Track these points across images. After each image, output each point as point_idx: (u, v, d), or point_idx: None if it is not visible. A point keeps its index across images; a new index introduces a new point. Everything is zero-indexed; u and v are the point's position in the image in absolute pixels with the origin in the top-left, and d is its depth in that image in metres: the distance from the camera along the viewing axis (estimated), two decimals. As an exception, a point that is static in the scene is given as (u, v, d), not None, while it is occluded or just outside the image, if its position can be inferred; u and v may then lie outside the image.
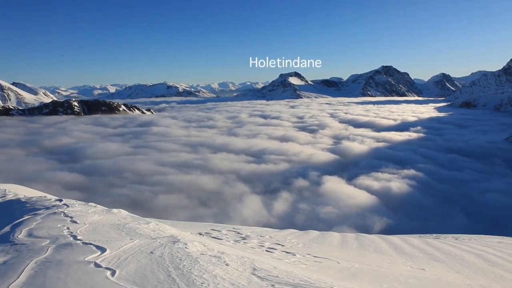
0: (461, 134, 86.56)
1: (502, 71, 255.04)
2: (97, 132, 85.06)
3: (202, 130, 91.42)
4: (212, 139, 74.14)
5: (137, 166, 50.85)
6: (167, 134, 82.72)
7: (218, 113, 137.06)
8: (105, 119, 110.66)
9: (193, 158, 56.39)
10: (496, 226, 32.20)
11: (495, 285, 6.82)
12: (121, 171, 48.10)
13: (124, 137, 77.67)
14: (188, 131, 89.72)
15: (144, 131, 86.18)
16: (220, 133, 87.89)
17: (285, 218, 34.11)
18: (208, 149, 63.77)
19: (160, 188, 41.65)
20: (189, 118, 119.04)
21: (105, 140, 73.39)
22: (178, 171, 48.74)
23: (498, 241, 12.97)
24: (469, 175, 50.19)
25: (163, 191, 40.68)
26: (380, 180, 45.59)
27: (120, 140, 73.38)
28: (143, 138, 75.99)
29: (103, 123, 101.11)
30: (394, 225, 32.69)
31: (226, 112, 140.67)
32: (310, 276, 4.59)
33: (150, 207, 36.44)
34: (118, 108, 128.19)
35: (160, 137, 77.29)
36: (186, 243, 5.00)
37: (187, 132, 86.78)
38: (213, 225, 12.54)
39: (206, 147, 65.26)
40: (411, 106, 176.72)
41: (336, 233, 13.15)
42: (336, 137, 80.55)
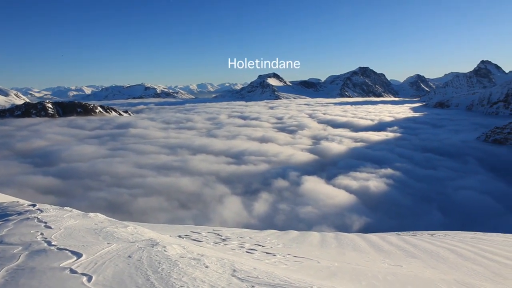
0: (436, 133, 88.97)
1: (473, 73, 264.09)
2: (72, 134, 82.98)
3: (181, 132, 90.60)
4: (191, 141, 73.59)
5: (115, 168, 49.94)
6: (145, 136, 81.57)
7: (197, 115, 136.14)
8: (81, 121, 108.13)
9: (172, 160, 55.82)
10: (469, 222, 33.23)
11: (467, 279, 7.03)
12: (99, 174, 47.12)
13: (101, 139, 76.12)
14: (166, 132, 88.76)
15: (121, 133, 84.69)
16: (199, 134, 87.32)
17: (265, 218, 34.18)
18: (187, 150, 63.25)
19: (139, 190, 41.03)
20: (167, 120, 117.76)
21: (81, 143, 71.74)
22: (157, 173, 48.14)
23: (471, 237, 13.37)
24: (444, 173, 51.62)
25: (142, 194, 40.09)
26: (358, 179, 46.30)
27: (97, 143, 71.87)
28: (121, 140, 74.69)
29: (79, 125, 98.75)
30: (372, 223, 33.25)
31: (205, 114, 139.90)
32: (290, 276, 4.61)
33: (129, 210, 35.84)
34: (95, 110, 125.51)
35: (138, 139, 76.15)
36: (165, 246, 4.94)
37: (165, 134, 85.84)
38: (193, 227, 12.44)
39: (185, 148, 64.70)
40: (388, 107, 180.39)
41: (315, 233, 13.26)
42: (315, 138, 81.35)
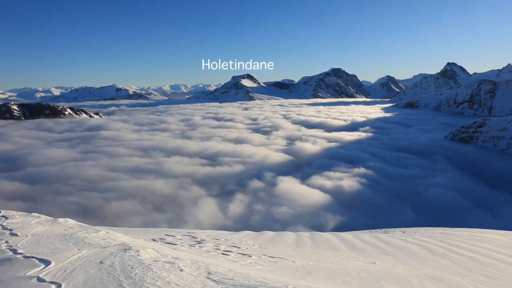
0: (406, 133, 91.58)
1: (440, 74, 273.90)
2: (40, 137, 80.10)
3: (154, 134, 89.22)
4: (165, 142, 72.60)
5: (87, 172, 48.58)
6: (117, 138, 79.79)
7: (171, 116, 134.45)
8: (49, 123, 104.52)
9: (145, 163, 54.87)
10: (439, 218, 34.36)
11: (437, 273, 7.25)
12: (69, 178, 45.70)
13: (71, 142, 73.86)
14: (140, 134, 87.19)
15: (92, 135, 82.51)
16: (173, 136, 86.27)
17: (240, 220, 34.15)
18: (161, 152, 62.37)
19: (112, 194, 40.09)
20: (140, 122, 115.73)
21: (50, 146, 69.31)
22: (130, 176, 47.20)
23: (440, 232, 13.81)
24: (415, 171, 53.21)
25: (115, 198, 39.20)
26: (332, 179, 47.00)
27: (66, 146, 69.67)
28: (92, 143, 72.73)
29: (47, 128, 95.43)
30: (346, 222, 33.83)
31: (178, 115, 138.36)
32: (266, 277, 4.61)
33: (102, 215, 34.99)
34: (64, 112, 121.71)
35: (110, 142, 74.39)
36: (138, 251, 4.84)
37: (138, 136, 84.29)
38: (168, 230, 12.26)
39: (159, 150, 63.76)
40: (360, 107, 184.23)
41: (291, 233, 13.35)
42: (290, 138, 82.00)
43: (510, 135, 68.09)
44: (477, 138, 73.45)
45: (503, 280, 6.99)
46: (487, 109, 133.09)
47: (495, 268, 7.96)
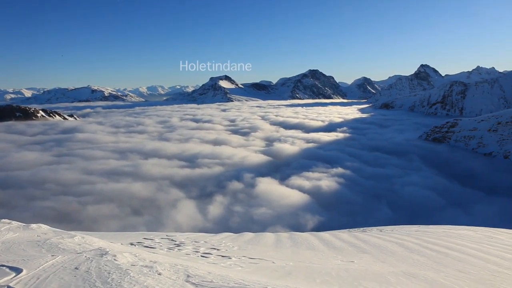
0: (382, 133, 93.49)
1: (414, 76, 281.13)
2: (11, 140, 77.42)
3: (131, 136, 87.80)
4: (142, 145, 71.58)
5: (61, 175, 47.32)
6: (93, 140, 78.07)
7: (148, 118, 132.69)
8: (21, 126, 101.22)
9: (123, 165, 53.94)
10: (415, 216, 35.23)
11: (413, 270, 7.42)
12: (43, 182, 44.37)
13: (45, 145, 71.74)
14: (116, 137, 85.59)
15: (67, 138, 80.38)
16: (150, 138, 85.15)
17: (220, 221, 34.01)
18: (139, 155, 61.44)
19: (88, 198, 39.21)
20: (117, 124, 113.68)
21: (22, 149, 67.11)
22: (107, 179, 46.29)
23: (415, 230, 14.14)
24: (391, 171, 54.36)
25: (92, 201, 38.35)
26: (311, 179, 47.43)
27: (39, 149, 67.65)
28: (67, 146, 70.86)
29: (18, 131, 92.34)
30: (325, 221, 34.20)
31: (156, 117, 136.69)
32: (245, 278, 4.60)
33: (78, 219, 34.19)
34: (36, 114, 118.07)
35: (86, 144, 72.72)
36: (115, 255, 4.73)
37: (115, 138, 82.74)
38: (146, 234, 12.06)
39: (136, 153, 62.78)
40: (337, 108, 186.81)
41: (270, 234, 13.38)
42: (268, 139, 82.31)
43: (480, 135, 70.52)
44: (450, 137, 75.72)
45: (475, 274, 7.21)
46: (458, 110, 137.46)
47: (468, 263, 8.20)
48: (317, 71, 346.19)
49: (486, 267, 7.89)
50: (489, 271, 7.52)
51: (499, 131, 68.06)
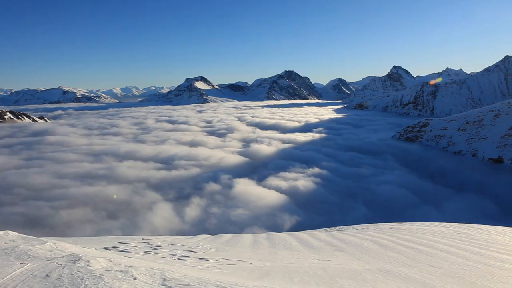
0: (357, 133, 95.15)
1: (387, 77, 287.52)
2: (-23, 144, 74.36)
3: (105, 138, 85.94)
4: (117, 147, 70.15)
5: (32, 180, 45.76)
6: (65, 143, 75.89)
7: (123, 119, 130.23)
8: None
9: (97, 168, 52.71)
10: (390, 214, 36.02)
11: (388, 266, 7.58)
12: (11, 186, 42.78)
13: (13, 148, 69.20)
14: (90, 139, 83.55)
15: (37, 141, 77.77)
16: (125, 140, 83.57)
17: (197, 223, 33.75)
18: (114, 157, 60.20)
19: (61, 202, 38.06)
20: (90, 126, 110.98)
21: (-11, 153, 64.57)
22: (80, 183, 45.13)
23: (390, 227, 14.45)
24: (367, 170, 55.40)
25: (65, 206, 37.25)
26: (288, 179, 47.73)
27: (7, 152, 65.19)
28: (37, 149, 68.60)
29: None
30: (303, 221, 34.47)
31: (131, 118, 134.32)
32: (223, 280, 4.57)
33: (50, 225, 33.18)
34: (3, 116, 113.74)
35: (58, 147, 70.61)
36: (88, 261, 4.60)
37: (88, 141, 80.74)
38: (121, 238, 11.82)
39: (111, 155, 61.48)
40: (313, 109, 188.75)
41: (247, 235, 13.36)
42: (245, 140, 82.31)
43: (450, 134, 72.88)
44: (422, 137, 77.87)
45: (446, 268, 7.43)
46: (429, 110, 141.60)
47: (439, 258, 8.45)
48: (293, 72, 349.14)
49: (457, 261, 8.15)
50: (459, 265, 7.77)
51: (467, 130, 70.54)
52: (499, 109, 69.40)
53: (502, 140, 62.86)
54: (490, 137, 65.32)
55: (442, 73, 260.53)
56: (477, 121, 70.32)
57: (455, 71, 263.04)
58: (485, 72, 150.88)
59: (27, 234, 7.87)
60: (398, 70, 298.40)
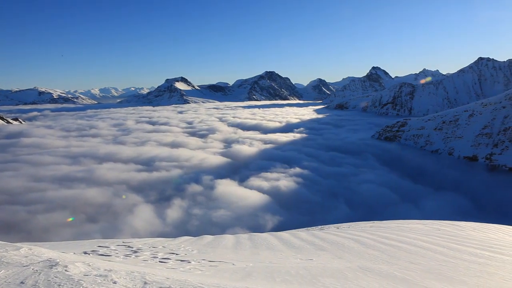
0: (338, 133, 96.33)
1: (366, 77, 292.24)
2: None
3: (84, 140, 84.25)
4: (96, 149, 68.91)
5: (6, 183, 44.47)
6: (42, 145, 74.00)
7: (102, 121, 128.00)
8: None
9: (75, 171, 51.66)
10: (371, 212, 36.61)
11: (369, 264, 7.69)
12: (-16, 191, 41.45)
13: (-15, 151, 67.05)
14: (67, 141, 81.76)
15: (11, 143, 75.54)
16: (105, 142, 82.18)
17: (179, 225, 33.49)
18: (93, 159, 59.11)
19: (38, 206, 37.13)
20: (68, 127, 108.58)
21: (-40, 156, 62.32)
22: (58, 186, 44.14)
23: (370, 226, 14.68)
24: (348, 169, 56.14)
25: (42, 210, 36.37)
26: (270, 180, 47.88)
27: (-20, 156, 63.11)
28: (11, 152, 66.59)
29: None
30: (285, 221, 34.62)
31: (110, 120, 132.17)
32: (205, 282, 4.54)
33: (27, 230, 32.33)
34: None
35: (34, 149, 68.76)
36: (66, 266, 4.49)
37: (66, 143, 78.99)
38: (101, 241, 11.59)
39: (90, 157, 60.35)
40: (293, 109, 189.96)
41: (229, 236, 13.32)
42: (226, 141, 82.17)
43: (427, 133, 74.60)
44: (400, 136, 79.43)
45: (425, 265, 7.60)
46: (407, 110, 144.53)
47: (418, 254, 8.64)
48: (274, 72, 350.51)
49: (435, 257, 8.35)
50: (437, 261, 7.96)
51: (443, 129, 72.36)
52: (473, 109, 71.46)
53: (477, 139, 64.74)
54: (465, 136, 67.18)
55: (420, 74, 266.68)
56: (453, 121, 72.22)
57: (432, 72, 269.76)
58: (460, 73, 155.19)
59: (1, 240, 7.62)
60: (377, 70, 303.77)
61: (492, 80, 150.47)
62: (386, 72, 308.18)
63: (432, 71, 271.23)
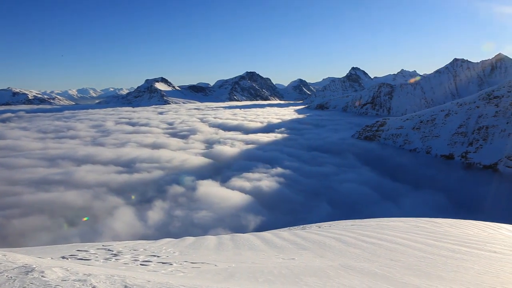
0: (318, 133, 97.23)
1: (346, 78, 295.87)
2: None
3: (61, 142, 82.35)
4: (74, 151, 67.45)
5: (-22, 188, 42.97)
6: (17, 147, 71.96)
7: (80, 122, 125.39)
8: None
9: (53, 173, 50.45)
10: (352, 211, 37.09)
11: (350, 262, 7.79)
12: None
13: (-43, 154, 64.70)
14: (44, 143, 79.73)
15: (-16, 146, 73.18)
16: (83, 143, 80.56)
17: (161, 227, 33.15)
18: (71, 161, 57.88)
19: (13, 211, 36.11)
20: (44, 129, 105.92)
21: None
22: (35, 189, 43.01)
23: (351, 224, 14.86)
24: (329, 169, 56.72)
25: (18, 214, 35.33)
26: (251, 180, 47.91)
27: (-50, 159, 60.85)
28: (-16, 155, 64.53)
29: None
30: (267, 221, 34.71)
31: (88, 121, 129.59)
32: (187, 284, 4.50)
33: (2, 235, 31.37)
34: None
35: (8, 152, 66.79)
36: (43, 271, 4.36)
37: (43, 145, 77.02)
38: (80, 245, 11.34)
39: (68, 159, 59.05)
40: (275, 109, 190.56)
41: (212, 237, 13.25)
42: (208, 142, 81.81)
43: (405, 133, 76.14)
44: (380, 136, 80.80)
45: (404, 261, 7.75)
46: (386, 110, 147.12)
47: (398, 251, 8.80)
48: (254, 73, 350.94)
49: (413, 254, 8.52)
50: (416, 257, 8.13)
51: (421, 129, 74.01)
52: (449, 109, 73.37)
53: (453, 137, 66.48)
54: (442, 135, 68.90)
55: (398, 74, 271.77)
56: (430, 120, 73.95)
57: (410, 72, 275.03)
58: (436, 74, 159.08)
59: (-25, 246, 7.36)
60: (356, 71, 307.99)
61: (467, 81, 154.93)
62: (365, 72, 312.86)
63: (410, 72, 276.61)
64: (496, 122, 62.28)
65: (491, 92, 68.36)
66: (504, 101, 64.12)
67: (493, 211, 35.91)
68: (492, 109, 64.92)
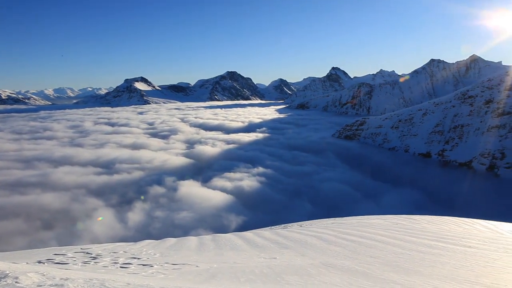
0: (299, 132, 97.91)
1: (326, 78, 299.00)
2: None
3: (38, 143, 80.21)
4: (51, 152, 65.81)
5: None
6: (-11, 149, 69.71)
7: (57, 122, 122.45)
8: None
9: (29, 175, 49.09)
10: (333, 209, 37.48)
11: (331, 260, 7.87)
12: None
13: None
14: (19, 144, 77.50)
15: (-45, 148, 70.62)
16: (61, 144, 78.65)
17: (141, 229, 32.71)
18: (48, 163, 56.44)
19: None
20: (19, 130, 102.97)
21: None
22: (9, 192, 41.78)
23: (332, 222, 15.02)
24: (310, 168, 57.17)
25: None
26: (233, 180, 47.84)
27: None
28: (-45, 157, 62.24)
29: None
30: (249, 221, 34.71)
31: (66, 121, 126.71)
32: (168, 285, 4.46)
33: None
34: None
35: (-20, 154, 64.60)
36: (17, 277, 4.23)
37: (18, 146, 74.87)
38: (57, 249, 11.06)
39: (44, 161, 57.57)
40: (256, 109, 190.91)
41: (193, 237, 13.17)
42: (189, 142, 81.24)
43: (384, 132, 77.50)
44: (359, 135, 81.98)
45: (383, 258, 7.89)
46: (366, 109, 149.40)
47: (378, 248, 8.95)
48: (235, 72, 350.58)
49: (392, 250, 8.69)
50: (395, 254, 8.28)
51: (400, 127, 75.48)
52: (426, 108, 75.09)
53: (430, 136, 68.07)
54: (419, 134, 70.45)
55: (377, 75, 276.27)
56: (408, 119, 75.49)
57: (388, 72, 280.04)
58: (414, 74, 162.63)
59: None
60: (336, 71, 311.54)
61: (443, 81, 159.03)
62: (345, 72, 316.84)
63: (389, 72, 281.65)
64: (470, 121, 64.10)
65: (466, 92, 70.31)
66: (478, 100, 66.04)
67: (468, 207, 37.01)
68: (466, 108, 66.78)
